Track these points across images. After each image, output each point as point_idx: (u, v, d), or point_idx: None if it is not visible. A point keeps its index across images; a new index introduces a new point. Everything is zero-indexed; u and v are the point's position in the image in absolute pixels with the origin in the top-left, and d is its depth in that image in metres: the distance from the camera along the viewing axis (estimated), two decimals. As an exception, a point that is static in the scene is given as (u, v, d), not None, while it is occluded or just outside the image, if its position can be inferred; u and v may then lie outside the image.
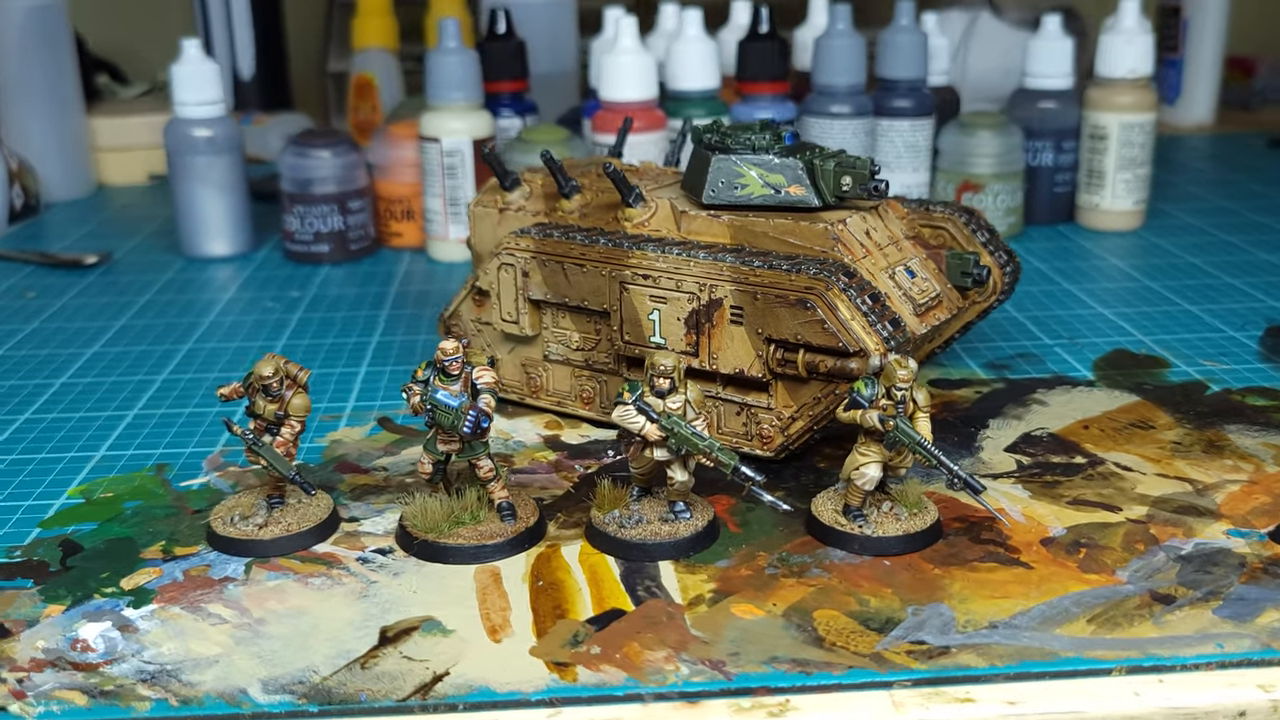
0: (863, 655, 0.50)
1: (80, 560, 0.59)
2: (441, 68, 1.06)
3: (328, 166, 1.09)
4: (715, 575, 0.56)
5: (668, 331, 0.68)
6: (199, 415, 0.76)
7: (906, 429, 0.56)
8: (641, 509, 0.60)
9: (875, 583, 0.55)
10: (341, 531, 0.61)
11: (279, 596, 0.55)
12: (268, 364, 0.58)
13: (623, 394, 0.57)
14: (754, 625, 0.52)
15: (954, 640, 0.51)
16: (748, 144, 0.70)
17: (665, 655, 0.50)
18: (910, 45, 1.12)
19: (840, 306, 0.62)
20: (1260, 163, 1.48)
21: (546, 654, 0.51)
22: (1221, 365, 0.81)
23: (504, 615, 0.53)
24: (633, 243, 0.69)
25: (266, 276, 1.07)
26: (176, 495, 0.66)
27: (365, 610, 0.54)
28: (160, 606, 0.55)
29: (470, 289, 0.76)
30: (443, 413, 0.57)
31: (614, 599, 0.54)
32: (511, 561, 0.58)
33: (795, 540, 0.59)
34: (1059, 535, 0.59)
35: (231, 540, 0.59)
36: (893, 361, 0.57)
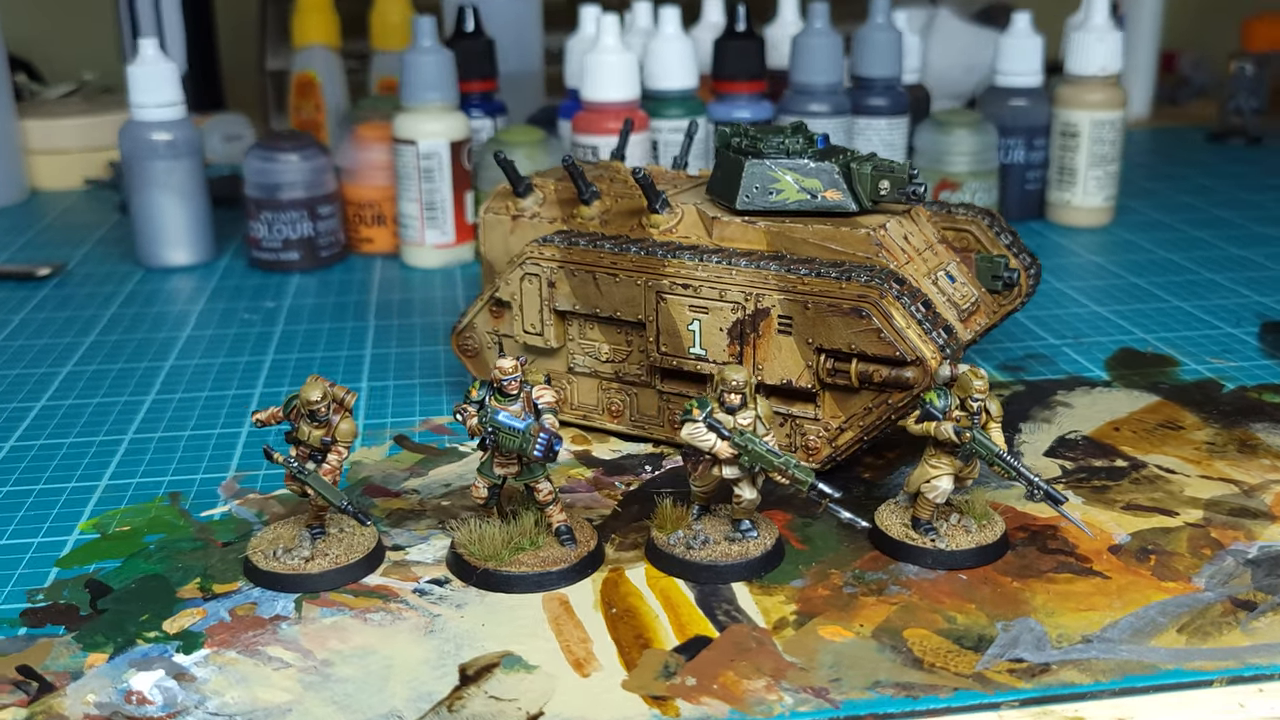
0: (965, 676, 0.49)
1: (113, 602, 0.55)
2: (417, 68, 1.02)
3: (296, 170, 1.04)
4: (793, 596, 0.55)
5: (708, 342, 0.66)
6: (201, 438, 0.72)
7: (985, 441, 0.55)
8: (704, 528, 0.58)
9: (957, 598, 0.54)
10: (389, 561, 0.58)
11: (340, 635, 0.52)
12: (315, 388, 0.55)
13: (691, 411, 0.55)
14: (847, 648, 0.51)
15: (1052, 656, 0.50)
16: (781, 148, 0.68)
17: (765, 684, 0.48)
18: (886, 43, 1.12)
19: (895, 315, 0.61)
20: (1203, 157, 1.52)
21: (640, 687, 0.48)
22: (1229, 363, 0.82)
23: (586, 647, 0.51)
24: (667, 250, 0.67)
25: (235, 286, 1.02)
26: (199, 526, 0.62)
27: (436, 647, 0.51)
28: (214, 651, 0.51)
29: (487, 300, 0.73)
30: (507, 435, 0.54)
31: (695, 625, 0.52)
32: (578, 588, 0.55)
33: (864, 556, 0.58)
34: (1125, 542, 0.59)
35: (277, 575, 0.55)
36: (967, 372, 0.56)
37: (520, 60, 1.26)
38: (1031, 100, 1.16)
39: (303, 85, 1.51)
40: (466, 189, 1.06)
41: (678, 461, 0.68)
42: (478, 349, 0.75)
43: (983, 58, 1.37)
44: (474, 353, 0.75)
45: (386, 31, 1.49)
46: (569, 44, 1.11)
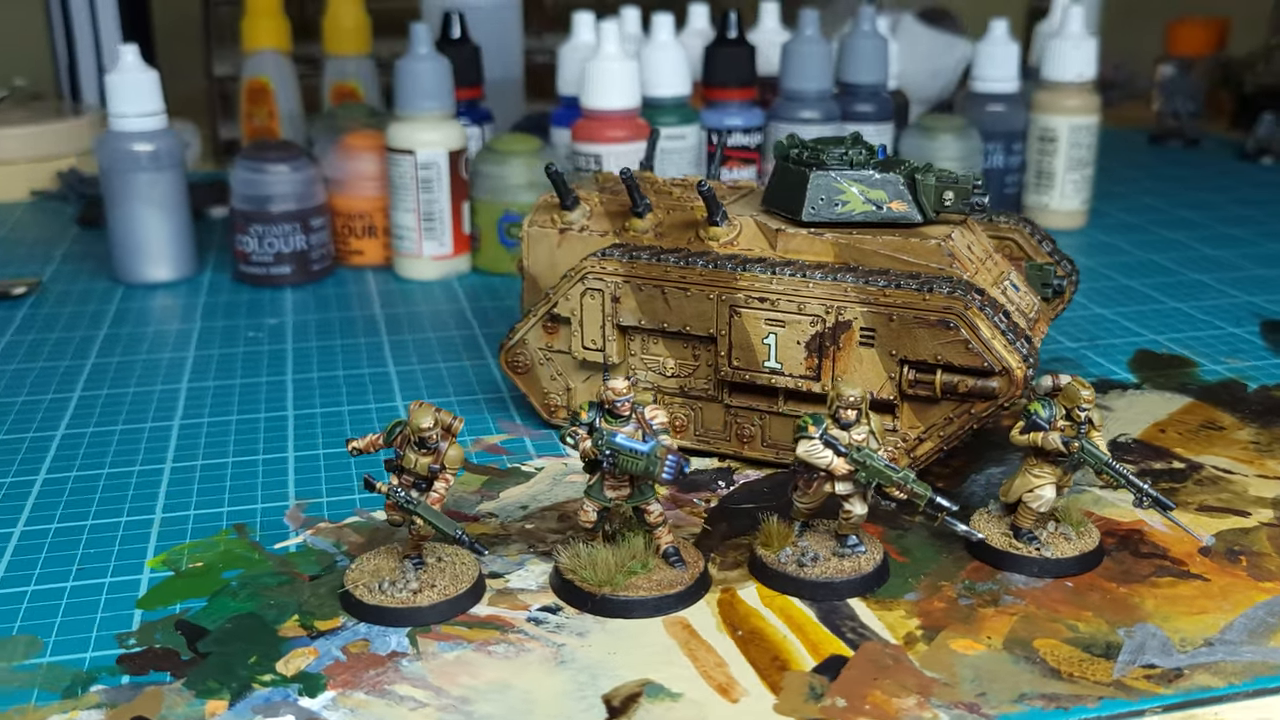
0: (1104, 684, 0.50)
1: (213, 644, 0.52)
2: (414, 75, 1.00)
3: (286, 182, 1.01)
4: (912, 610, 0.55)
5: (784, 356, 0.65)
6: (247, 464, 0.69)
7: (1094, 450, 0.56)
8: (811, 545, 0.58)
9: (1071, 606, 0.55)
10: (491, 590, 0.56)
11: (468, 670, 0.50)
12: (425, 414, 0.53)
13: (806, 428, 0.55)
14: (982, 661, 0.51)
15: (1181, 661, 0.51)
16: (844, 159, 0.68)
17: (916, 702, 0.48)
18: (873, 50, 1.13)
19: (981, 326, 0.61)
20: (1146, 159, 1.56)
21: (794, 712, 0.48)
22: (1244, 362, 0.84)
23: (724, 672, 0.50)
24: (736, 264, 0.66)
25: (227, 303, 0.99)
26: (278, 560, 0.59)
27: (571, 678, 0.50)
28: (340, 692, 0.49)
29: (540, 318, 0.72)
30: (629, 458, 0.53)
31: (827, 644, 0.52)
32: (695, 610, 0.55)
33: (967, 566, 0.58)
34: (1211, 544, 0.60)
35: (385, 610, 0.53)
36: (1073, 382, 0.56)
37: (503, 67, 1.24)
38: (1009, 106, 1.19)
39: (254, 91, 1.47)
40: (464, 199, 1.04)
41: (749, 476, 0.68)
42: (529, 365, 0.73)
43: (946, 63, 1.39)
44: (525, 369, 0.73)
45: (340, 36, 1.46)
46: (562, 50, 1.10)
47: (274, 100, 1.46)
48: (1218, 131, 1.72)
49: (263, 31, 1.46)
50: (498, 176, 1.03)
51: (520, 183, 1.04)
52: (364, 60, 1.47)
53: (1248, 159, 1.53)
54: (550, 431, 0.74)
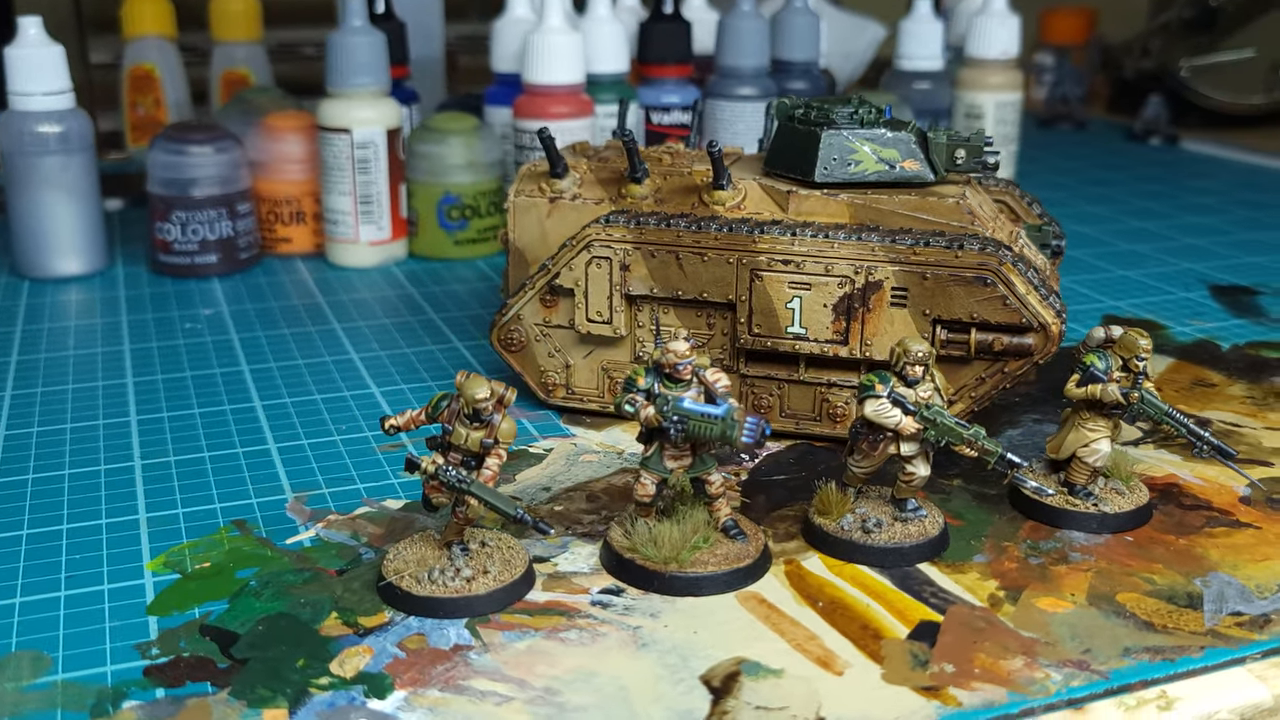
0: (1200, 634, 0.48)
1: (249, 649, 0.47)
2: (348, 50, 0.94)
3: (210, 164, 0.94)
4: (985, 572, 0.53)
5: (809, 320, 0.63)
6: (227, 458, 0.63)
7: (1154, 400, 0.55)
8: (872, 512, 0.55)
9: (1140, 560, 0.54)
10: (542, 575, 0.52)
11: (546, 659, 0.46)
12: (481, 385, 0.48)
13: (873, 386, 0.52)
14: (1075, 618, 0.49)
15: (1264, 607, 0.50)
16: (855, 118, 0.66)
17: (1024, 662, 0.46)
18: (806, 26, 1.12)
19: (1016, 282, 0.60)
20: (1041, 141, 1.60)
21: (905, 681, 0.45)
22: (1208, 324, 0.86)
23: (819, 645, 0.47)
24: (753, 227, 0.64)
25: (152, 295, 0.91)
26: (295, 556, 0.54)
27: (659, 660, 0.46)
28: (412, 692, 0.44)
29: (538, 290, 0.68)
30: (701, 423, 0.49)
31: (913, 611, 0.50)
32: (765, 584, 0.52)
33: (1024, 526, 0.57)
34: (1247, 494, 0.60)
35: (439, 601, 0.49)
36: (1131, 332, 0.55)
37: (424, 47, 1.19)
38: (934, 83, 1.19)
39: (139, 79, 1.38)
40: (400, 181, 0.98)
41: (769, 449, 0.65)
42: (524, 343, 0.69)
43: (858, 45, 1.39)
44: (520, 347, 0.69)
45: (228, 21, 1.38)
46: (497, 26, 1.05)
47: (160, 88, 1.37)
48: (1097, 115, 1.77)
49: (145, 16, 1.37)
50: (436, 156, 0.98)
51: (459, 162, 0.99)
52: (255, 46, 1.39)
53: (1136, 139, 1.58)
54: (549, 412, 0.70)
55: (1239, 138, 1.56)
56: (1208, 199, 1.25)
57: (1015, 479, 0.53)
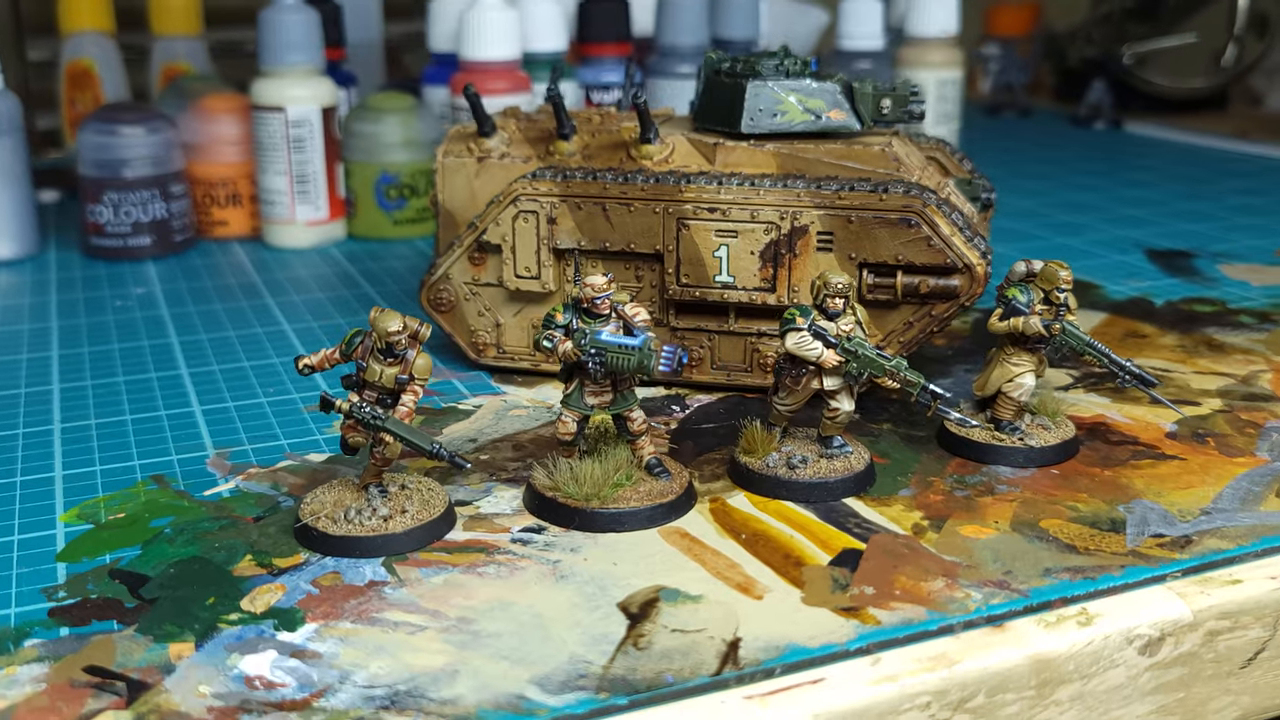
0: (1121, 554, 0.48)
1: (159, 590, 0.46)
2: (280, 27, 0.93)
3: (142, 145, 0.93)
4: (910, 504, 0.52)
5: (737, 268, 0.63)
6: (150, 420, 0.62)
7: (1076, 331, 0.55)
8: (797, 449, 0.55)
9: (1065, 490, 0.54)
10: (463, 516, 0.52)
11: (463, 592, 0.46)
12: (393, 318, 0.48)
13: (794, 319, 0.52)
14: (998, 543, 0.49)
15: (1186, 529, 0.50)
16: (780, 69, 0.66)
17: (944, 583, 0.46)
18: (746, 4, 1.12)
19: (941, 223, 0.60)
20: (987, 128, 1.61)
21: (824, 603, 0.45)
22: (1144, 282, 0.86)
23: (740, 572, 0.47)
24: (679, 177, 0.63)
25: (84, 277, 0.90)
26: (213, 506, 0.53)
27: (579, 591, 0.46)
28: (324, 624, 0.43)
29: (466, 248, 0.67)
30: (619, 354, 0.49)
31: (836, 540, 0.49)
32: (689, 520, 0.51)
33: (951, 462, 0.57)
34: (1175, 430, 0.60)
35: (355, 540, 0.48)
36: (1053, 264, 0.55)
37: (361, 29, 1.18)
38: (875, 62, 1.20)
39: (77, 76, 1.36)
40: (337, 160, 0.98)
41: (700, 401, 0.65)
42: (454, 302, 0.68)
43: (802, 29, 1.40)
44: (449, 307, 0.68)
45: (167, 16, 1.37)
46: (433, 6, 1.05)
47: (99, 85, 1.36)
48: (1044, 104, 1.79)
49: (82, 11, 1.36)
50: (372, 135, 0.98)
51: (396, 141, 0.98)
52: (195, 41, 1.38)
53: (1080, 124, 1.60)
54: (479, 373, 0.69)
55: (1180, 121, 1.57)
56: (1147, 175, 1.26)
57: (939, 410, 0.53)
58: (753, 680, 0.41)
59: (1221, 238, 0.99)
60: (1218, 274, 0.88)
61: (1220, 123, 1.57)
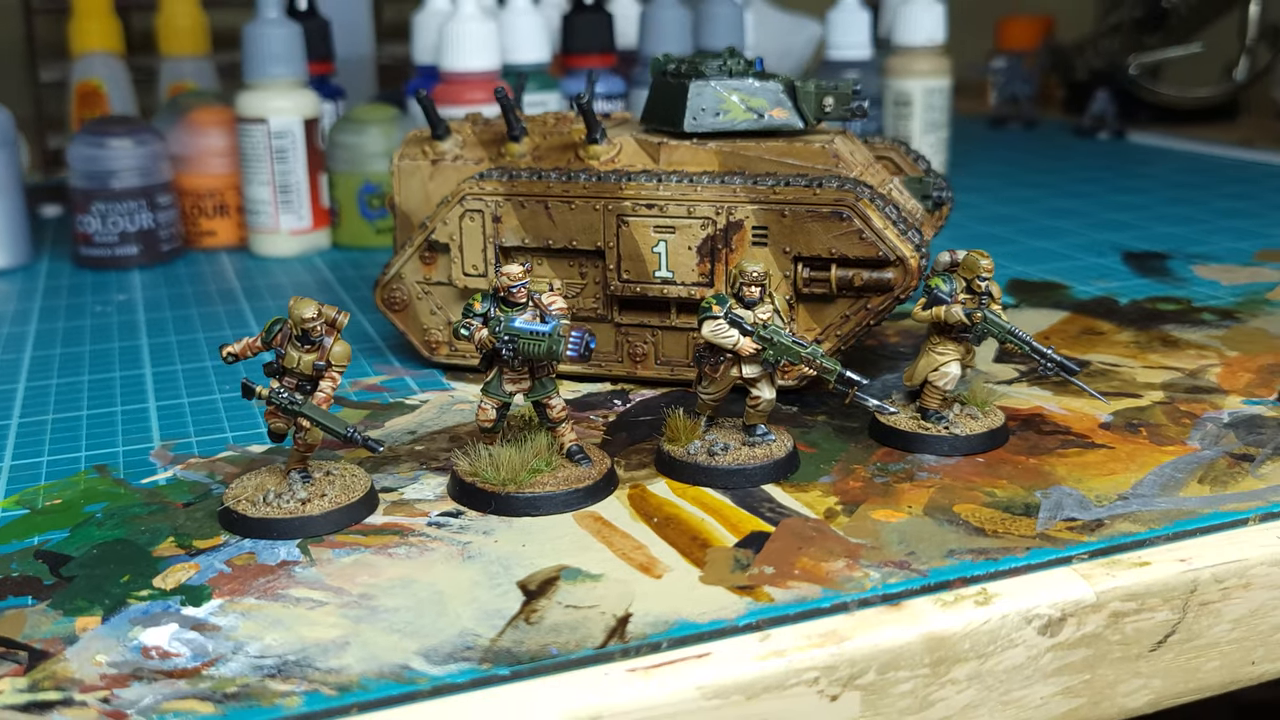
0: (1029, 537, 0.49)
1: (79, 569, 0.47)
2: (263, 40, 0.95)
3: (130, 156, 0.95)
4: (828, 490, 0.53)
5: (675, 263, 0.63)
6: (104, 416, 0.64)
7: (996, 319, 0.55)
8: (720, 437, 0.55)
9: (986, 477, 0.54)
10: (385, 502, 0.53)
11: (369, 571, 0.47)
12: (308, 305, 0.49)
13: (710, 307, 0.53)
14: (906, 526, 0.49)
15: (1099, 513, 0.50)
16: (723, 69, 0.67)
17: (845, 564, 0.47)
18: (729, 16, 1.13)
19: (873, 216, 0.61)
20: (990, 140, 1.61)
21: (721, 581, 0.46)
22: (1112, 283, 0.86)
23: (645, 553, 0.48)
24: (620, 175, 0.65)
25: (70, 285, 0.92)
26: (147, 493, 0.54)
27: (482, 569, 0.47)
28: (226, 600, 0.45)
29: (417, 248, 0.68)
30: (530, 340, 0.50)
31: (747, 523, 0.50)
32: (606, 505, 0.52)
33: (877, 451, 0.57)
34: (1110, 420, 0.60)
35: (272, 522, 0.49)
36: (974, 253, 0.56)
37: (352, 44, 1.21)
38: (863, 72, 1.20)
39: (86, 95, 1.39)
40: (320, 170, 1.00)
41: (644, 395, 0.66)
42: (407, 301, 0.70)
43: (797, 42, 1.41)
44: (402, 306, 0.70)
45: (175, 37, 1.40)
46: (416, 18, 1.07)
47: (107, 104, 1.39)
48: (1053, 117, 1.78)
49: (92, 33, 1.39)
50: (355, 146, 1.00)
51: (378, 151, 1.00)
52: (202, 61, 1.41)
53: (1084, 134, 1.59)
54: (433, 370, 0.70)
55: (1187, 130, 1.57)
56: (1141, 182, 1.25)
57: (857, 397, 0.54)
58: (638, 654, 0.42)
59: (1203, 240, 0.99)
60: (1189, 274, 0.88)
61: (1227, 132, 1.56)
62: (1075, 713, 0.48)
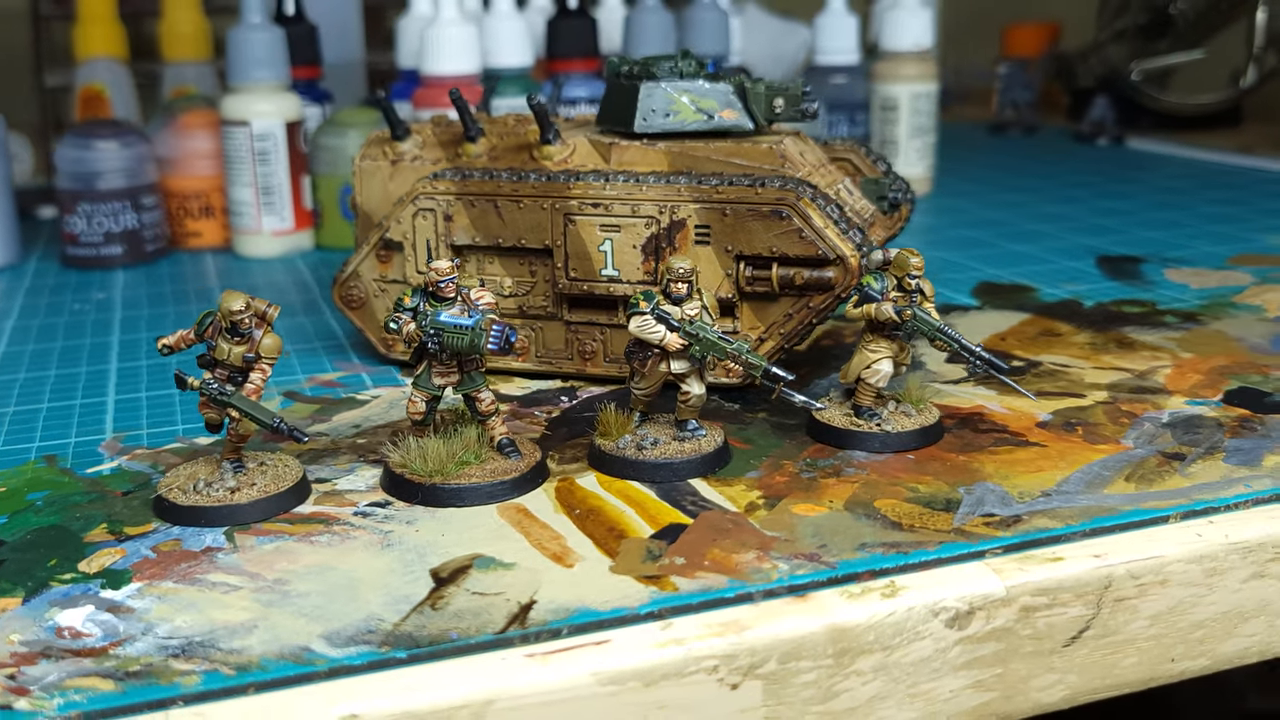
0: (945, 531, 0.49)
1: (9, 552, 0.48)
2: (246, 45, 0.97)
3: (115, 158, 0.97)
4: (753, 485, 0.53)
5: (621, 262, 0.64)
6: (63, 409, 0.66)
7: (925, 317, 0.56)
8: (650, 432, 0.56)
9: (912, 473, 0.54)
10: (318, 492, 0.54)
11: (288, 557, 0.48)
12: (237, 298, 0.50)
13: (638, 303, 0.54)
14: (824, 520, 0.50)
15: (1019, 509, 0.51)
16: (674, 71, 0.68)
17: (755, 555, 0.47)
18: (713, 21, 1.14)
19: (814, 215, 0.61)
20: (988, 145, 1.61)
21: (630, 570, 0.46)
22: (1081, 286, 0.86)
23: (560, 543, 0.48)
24: (570, 175, 0.65)
25: (54, 284, 0.94)
26: (90, 482, 0.56)
27: (399, 557, 0.47)
28: (146, 583, 0.46)
29: (373, 246, 0.70)
30: (454, 334, 0.51)
31: (666, 515, 0.51)
32: (532, 497, 0.53)
33: (810, 448, 0.57)
34: (1048, 419, 0.61)
35: (201, 509, 0.50)
36: (903, 251, 0.56)
37: (341, 49, 1.22)
38: (850, 77, 1.21)
39: (89, 99, 1.42)
40: (303, 173, 1.01)
41: (594, 391, 0.66)
42: (364, 299, 0.71)
43: (788, 48, 1.42)
44: (359, 304, 0.71)
45: (178, 42, 1.42)
46: (400, 24, 1.08)
47: (110, 108, 1.41)
48: (1057, 123, 1.78)
49: (95, 38, 1.42)
50: (337, 149, 1.01)
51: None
52: (204, 66, 1.43)
53: (1083, 141, 1.59)
54: (390, 367, 0.71)
55: (1187, 137, 1.56)
56: (1132, 188, 1.25)
57: (783, 393, 0.54)
58: (538, 640, 0.42)
59: (1183, 245, 0.98)
60: (1160, 278, 0.88)
61: (1229, 139, 1.55)
62: (987, 706, 0.48)
